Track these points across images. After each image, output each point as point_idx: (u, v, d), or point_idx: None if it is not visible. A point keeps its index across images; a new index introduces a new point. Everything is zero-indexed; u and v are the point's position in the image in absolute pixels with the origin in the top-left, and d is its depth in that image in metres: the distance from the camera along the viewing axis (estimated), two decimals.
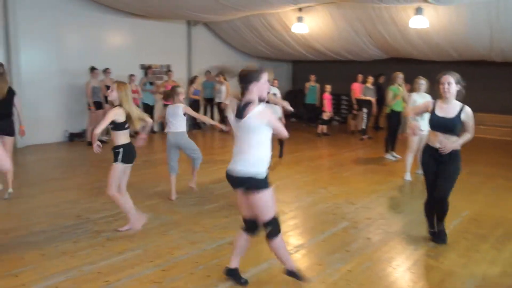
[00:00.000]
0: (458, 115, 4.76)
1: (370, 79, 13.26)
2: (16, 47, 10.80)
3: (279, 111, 9.63)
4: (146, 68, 13.48)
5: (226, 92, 13.90)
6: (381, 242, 5.23)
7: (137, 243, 5.05)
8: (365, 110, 13.16)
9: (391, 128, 10.08)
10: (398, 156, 10.03)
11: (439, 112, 4.82)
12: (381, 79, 14.16)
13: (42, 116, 11.45)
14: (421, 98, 7.94)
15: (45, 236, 5.23)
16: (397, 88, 9.87)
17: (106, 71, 11.94)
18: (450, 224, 5.70)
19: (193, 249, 4.92)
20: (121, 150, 5.14)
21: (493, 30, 10.57)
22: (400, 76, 9.90)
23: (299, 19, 12.74)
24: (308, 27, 13.05)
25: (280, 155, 10.08)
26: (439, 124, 4.79)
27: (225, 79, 13.94)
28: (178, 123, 6.81)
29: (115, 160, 5.15)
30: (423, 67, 12.43)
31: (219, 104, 14.00)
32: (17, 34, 10.77)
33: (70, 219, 5.52)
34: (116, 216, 5.86)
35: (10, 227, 5.54)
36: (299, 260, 4.74)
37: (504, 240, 5.37)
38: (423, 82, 8.31)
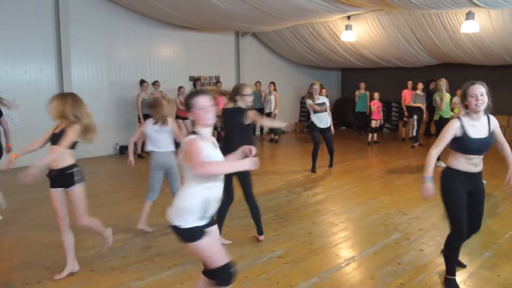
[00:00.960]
0: (490, 130, 4.04)
1: (420, 85, 13.00)
2: (67, 60, 11.20)
3: (329, 121, 9.59)
4: (194, 80, 13.69)
5: (276, 102, 13.96)
6: (434, 254, 5.08)
7: (186, 258, 5.03)
8: (415, 117, 12.89)
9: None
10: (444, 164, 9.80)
11: (473, 134, 3.96)
12: (432, 85, 13.85)
13: None
14: None
15: (95, 251, 5.31)
16: (441, 95, 9.62)
17: (155, 83, 12.21)
18: (506, 234, 5.50)
19: (242, 264, 4.88)
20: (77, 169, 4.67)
21: None
22: (442, 83, 9.64)
23: (348, 27, 12.65)
24: (357, 34, 12.95)
25: (330, 165, 10.00)
26: (478, 148, 4.00)
27: (274, 89, 13.99)
28: (164, 141, 5.82)
29: (74, 182, 4.61)
30: (475, 72, 12.06)
31: (268, 114, 14.05)
32: (68, 47, 11.19)
33: (119, 234, 5.60)
34: (164, 231, 5.88)
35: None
36: (350, 274, 4.68)
37: None
38: None
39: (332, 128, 9.76)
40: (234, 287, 4.33)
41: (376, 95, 13.56)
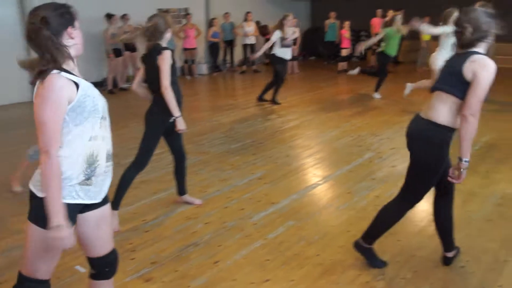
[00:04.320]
0: None
1: (391, 12, 12.97)
2: None
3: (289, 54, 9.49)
4: (164, 13, 13.35)
5: (255, 33, 13.91)
6: (405, 170, 5.34)
7: (169, 183, 5.13)
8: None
9: (382, 67, 9.82)
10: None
11: None
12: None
13: None
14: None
15: None
16: (392, 30, 9.45)
17: (124, 17, 11.88)
18: (472, 150, 5.83)
19: (224, 186, 5.12)
20: None
21: None
22: (399, 17, 9.56)
23: None
24: None
25: (274, 100, 9.56)
26: None
27: (251, 20, 13.88)
28: None
29: None
30: None
31: (251, 46, 14.03)
32: None
33: None
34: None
35: None
36: (328, 190, 4.95)
37: None
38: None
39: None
40: (219, 207, 4.57)
41: (346, 24, 13.55)
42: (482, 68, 2.78)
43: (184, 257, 3.68)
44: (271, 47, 9.12)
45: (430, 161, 3.06)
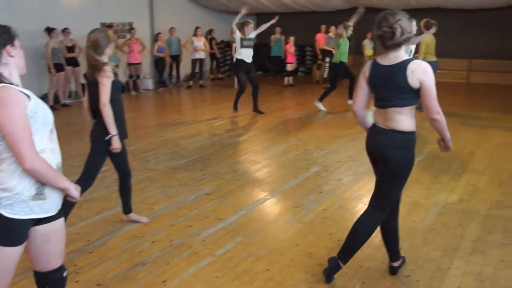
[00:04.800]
0: None
1: (333, 29, 13.29)
2: None
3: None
4: (106, 27, 13.14)
5: (205, 48, 13.90)
6: (351, 182, 5.49)
7: (114, 202, 5.01)
8: (328, 59, 13.26)
9: (334, 79, 10.05)
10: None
11: None
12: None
13: None
14: None
15: None
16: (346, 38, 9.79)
17: (65, 31, 11.59)
18: (415, 161, 6.02)
19: (171, 203, 5.04)
20: None
21: None
22: (351, 28, 9.86)
23: None
24: None
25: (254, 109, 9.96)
26: None
27: (201, 35, 13.89)
28: None
29: None
30: None
31: (201, 61, 13.99)
32: None
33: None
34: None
35: None
36: (276, 204, 4.97)
37: (461, 172, 5.88)
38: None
39: None
40: (166, 224, 4.48)
41: (291, 39, 13.78)
42: (425, 74, 2.95)
43: (131, 277, 3.57)
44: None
45: (408, 165, 3.20)
